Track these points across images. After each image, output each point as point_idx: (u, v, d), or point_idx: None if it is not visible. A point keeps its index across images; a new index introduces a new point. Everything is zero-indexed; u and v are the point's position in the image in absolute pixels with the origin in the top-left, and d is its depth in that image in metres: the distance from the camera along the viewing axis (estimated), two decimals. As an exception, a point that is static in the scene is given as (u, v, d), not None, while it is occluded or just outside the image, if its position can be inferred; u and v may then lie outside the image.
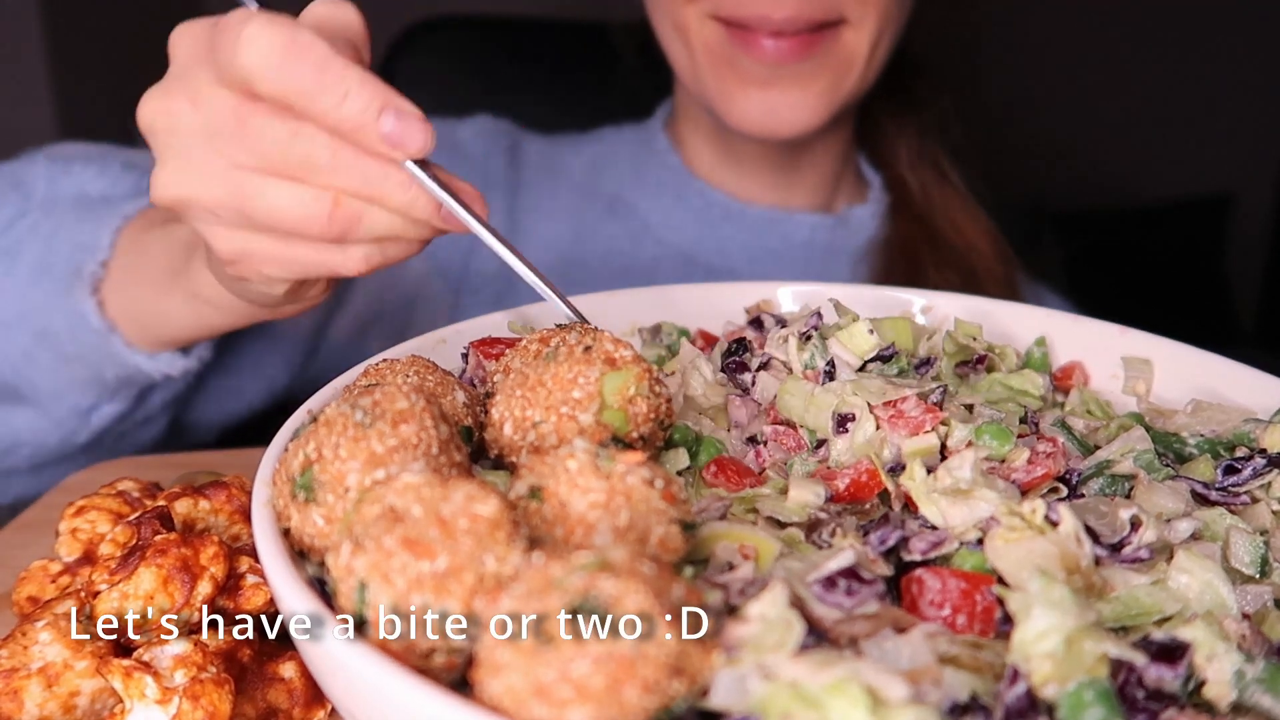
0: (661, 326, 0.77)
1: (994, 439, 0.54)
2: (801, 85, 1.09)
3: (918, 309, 0.79)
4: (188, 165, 0.59)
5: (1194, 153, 3.24)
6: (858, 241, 1.27)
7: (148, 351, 0.86)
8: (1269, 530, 0.53)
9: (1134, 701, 0.41)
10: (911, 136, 1.30)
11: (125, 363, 0.85)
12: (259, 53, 0.53)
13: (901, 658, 0.41)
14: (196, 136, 0.58)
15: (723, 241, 1.26)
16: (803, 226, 1.26)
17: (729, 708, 0.37)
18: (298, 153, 0.56)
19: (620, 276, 1.23)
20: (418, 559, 0.39)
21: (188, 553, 0.54)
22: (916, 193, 1.28)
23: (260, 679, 0.52)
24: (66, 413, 0.92)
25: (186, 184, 0.59)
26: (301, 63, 0.54)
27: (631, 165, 1.30)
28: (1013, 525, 0.48)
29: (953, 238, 1.25)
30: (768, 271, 1.24)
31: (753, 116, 1.10)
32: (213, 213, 0.60)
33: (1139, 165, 3.21)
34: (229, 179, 0.58)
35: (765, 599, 0.40)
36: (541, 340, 0.56)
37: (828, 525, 0.50)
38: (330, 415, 0.48)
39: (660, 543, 0.45)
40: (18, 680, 0.50)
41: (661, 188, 1.28)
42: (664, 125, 1.33)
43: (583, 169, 1.31)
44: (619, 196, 1.29)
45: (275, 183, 0.58)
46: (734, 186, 1.28)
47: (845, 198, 1.33)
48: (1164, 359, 0.72)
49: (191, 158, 0.59)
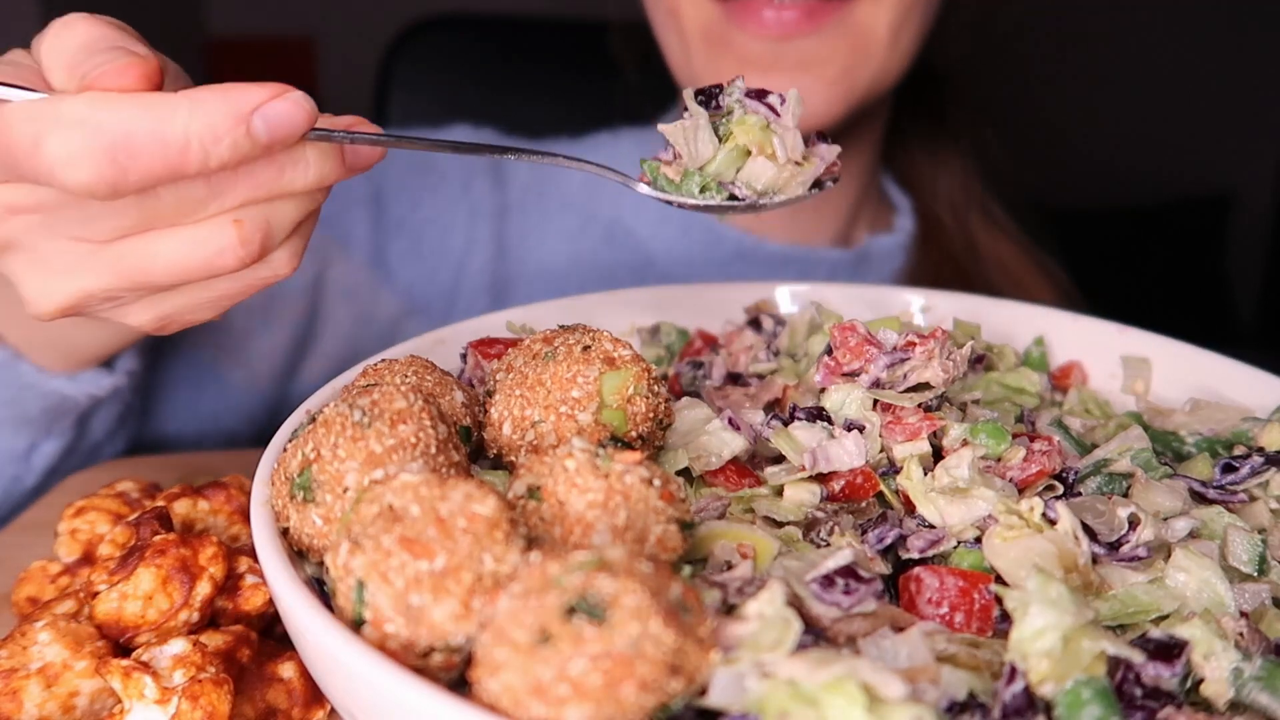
0: (661, 326, 0.78)
1: (990, 438, 0.54)
2: (811, 68, 0.95)
3: (917, 309, 0.79)
4: (51, 268, 0.50)
5: (1194, 153, 3.24)
6: (882, 275, 1.17)
7: (66, 373, 0.77)
8: (1267, 528, 0.53)
9: (1132, 699, 0.41)
10: (954, 173, 1.18)
11: (44, 390, 0.77)
12: (86, 176, 0.44)
13: (899, 656, 0.42)
14: (39, 234, 0.50)
15: (733, 278, 1.11)
16: (821, 263, 1.14)
17: (727, 706, 0.37)
18: (167, 201, 0.48)
19: None
20: (416, 558, 0.39)
21: (187, 553, 0.54)
22: (955, 233, 1.16)
23: (259, 679, 0.52)
24: (2, 459, 0.82)
25: (64, 288, 0.51)
26: (141, 159, 0.45)
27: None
28: (1010, 524, 0.48)
29: (1002, 284, 1.13)
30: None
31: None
32: (111, 299, 0.52)
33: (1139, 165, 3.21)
34: (107, 259, 0.50)
35: (763, 598, 0.40)
36: (544, 340, 0.56)
37: (825, 524, 0.51)
38: (329, 415, 0.48)
39: (658, 542, 0.45)
40: (17, 680, 0.50)
41: (665, 215, 1.14)
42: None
43: (578, 186, 1.18)
44: (618, 221, 1.16)
45: (159, 237, 0.49)
46: (744, 217, 1.14)
47: (867, 224, 1.20)
48: (1163, 358, 0.72)
49: (50, 259, 0.50)
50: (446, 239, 1.14)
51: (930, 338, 0.56)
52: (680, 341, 0.77)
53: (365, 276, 1.10)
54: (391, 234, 1.12)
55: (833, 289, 0.79)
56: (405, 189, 1.13)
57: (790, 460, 0.55)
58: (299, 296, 1.04)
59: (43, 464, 0.84)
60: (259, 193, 0.49)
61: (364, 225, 1.09)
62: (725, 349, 0.73)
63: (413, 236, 1.13)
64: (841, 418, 0.57)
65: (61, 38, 0.49)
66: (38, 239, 0.50)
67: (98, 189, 0.45)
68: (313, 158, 0.50)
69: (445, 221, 1.14)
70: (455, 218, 1.14)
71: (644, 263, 1.16)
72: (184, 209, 0.48)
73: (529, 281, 1.16)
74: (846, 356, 0.57)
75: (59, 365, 0.76)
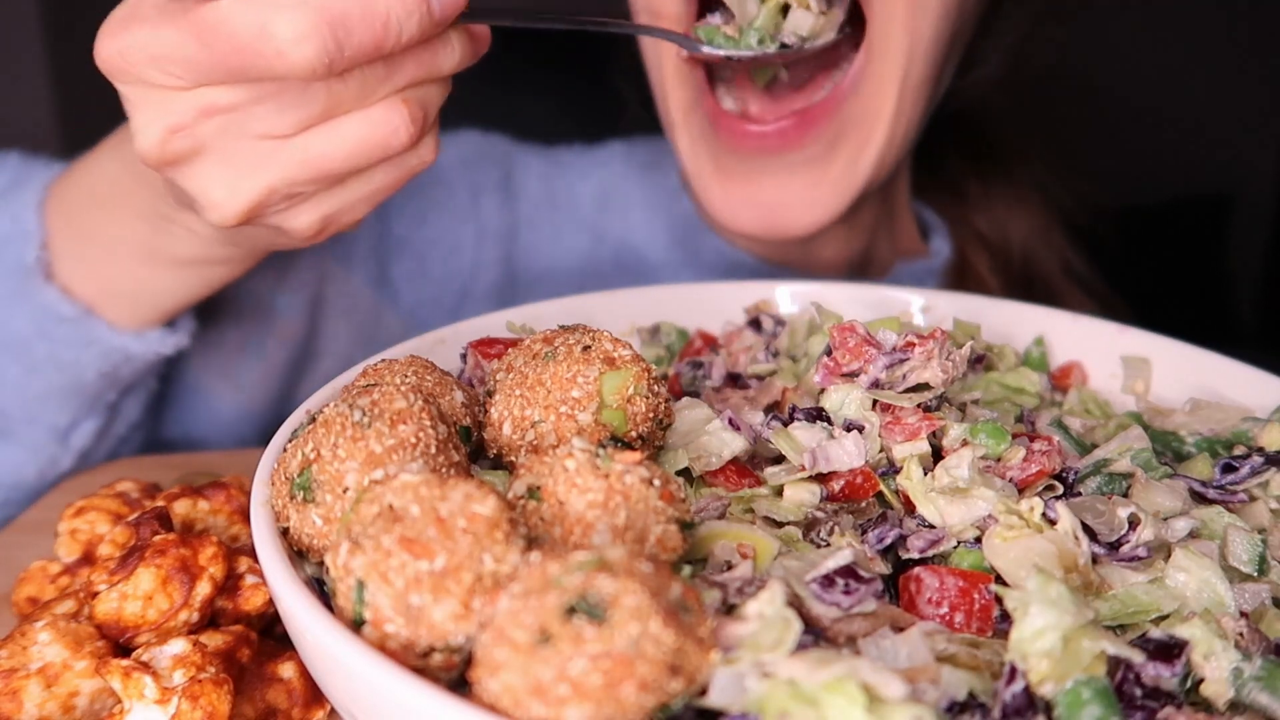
0: (661, 326, 0.78)
1: (989, 438, 0.54)
2: (804, 174, 0.85)
3: (917, 308, 0.79)
4: (239, 168, 0.54)
5: (1194, 153, 3.24)
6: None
7: (134, 330, 0.78)
8: (1267, 528, 0.53)
9: (1132, 699, 0.41)
10: (1034, 217, 1.08)
11: (111, 347, 0.78)
12: (313, 52, 0.49)
13: (899, 656, 0.42)
14: (229, 135, 0.54)
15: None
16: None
17: (727, 706, 0.37)
18: (352, 85, 0.52)
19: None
20: (416, 558, 0.39)
21: (186, 553, 0.54)
22: (1020, 279, 1.07)
23: (259, 679, 0.52)
24: (44, 437, 0.84)
25: (252, 185, 0.54)
26: (355, 34, 0.49)
27: (643, 207, 1.12)
28: (1010, 524, 0.48)
29: None
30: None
31: (740, 214, 0.86)
32: (290, 196, 0.55)
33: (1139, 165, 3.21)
34: (292, 150, 0.53)
35: (763, 598, 0.40)
36: (544, 340, 0.56)
37: (825, 524, 0.51)
38: (329, 415, 0.48)
39: (658, 542, 0.45)
40: (17, 680, 0.50)
41: (674, 239, 1.10)
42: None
43: (590, 201, 1.13)
44: (626, 243, 1.12)
45: (340, 123, 0.53)
46: (754, 242, 1.03)
47: (887, 243, 1.08)
48: (1163, 358, 0.72)
49: (238, 158, 0.54)
50: (452, 260, 1.11)
51: (929, 338, 0.56)
52: (680, 341, 0.77)
53: (366, 297, 1.08)
54: (394, 253, 1.10)
55: (833, 288, 0.79)
56: (409, 206, 1.09)
57: (790, 460, 0.55)
58: (296, 315, 1.02)
59: (79, 445, 0.85)
60: (420, 73, 0.54)
61: (365, 243, 1.07)
62: (725, 349, 0.73)
63: (417, 257, 1.10)
64: (841, 418, 0.57)
65: None
66: (228, 140, 0.53)
67: (319, 66, 0.49)
68: (456, 42, 0.55)
69: (451, 241, 1.11)
70: (462, 238, 1.11)
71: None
72: (365, 91, 0.53)
73: (540, 298, 1.12)
74: (846, 357, 0.57)
75: (129, 321, 0.78)
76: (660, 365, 0.74)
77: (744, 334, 0.74)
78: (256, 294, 0.97)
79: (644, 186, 1.13)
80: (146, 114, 0.54)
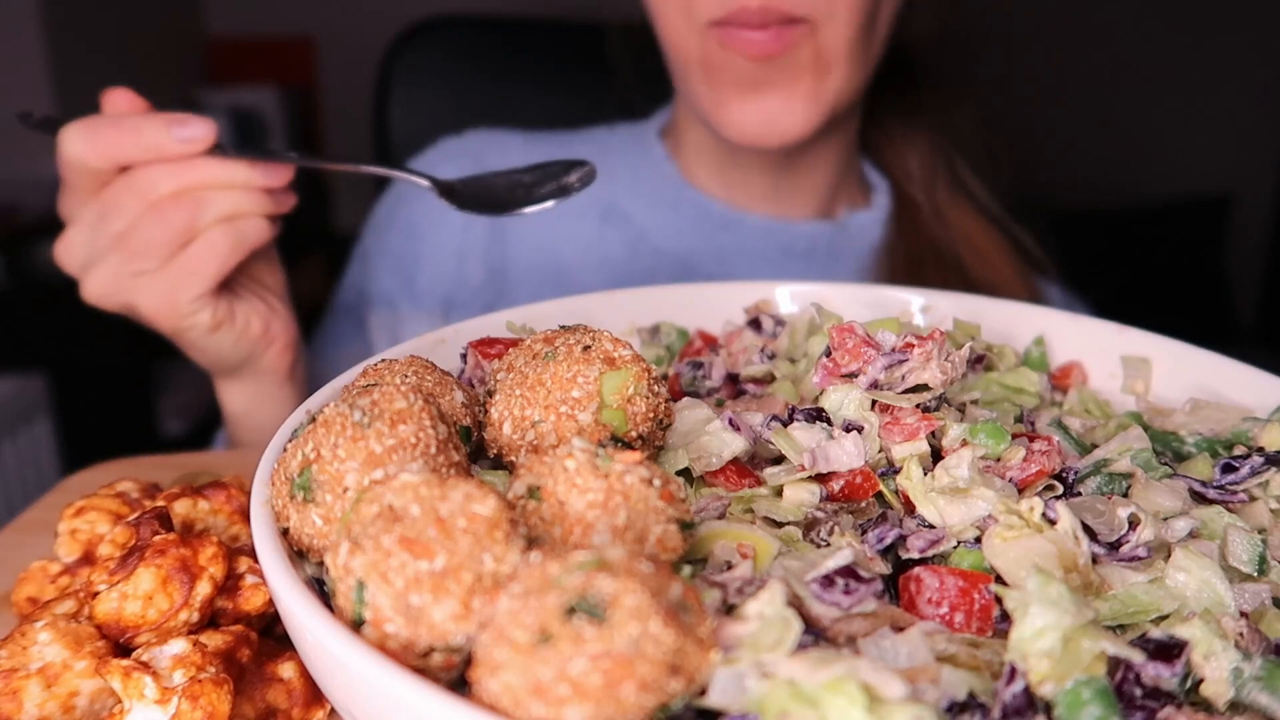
0: (660, 326, 0.78)
1: (989, 438, 0.54)
2: (787, 86, 1.07)
3: (917, 309, 0.79)
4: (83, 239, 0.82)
5: (1194, 153, 3.24)
6: (860, 248, 1.25)
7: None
8: (1267, 528, 0.53)
9: (1132, 699, 0.41)
10: (922, 151, 1.27)
11: None
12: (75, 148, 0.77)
13: (899, 656, 0.42)
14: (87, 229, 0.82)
15: (721, 250, 1.25)
16: (802, 235, 1.25)
17: (726, 706, 0.37)
18: (136, 188, 0.77)
19: (617, 284, 1.22)
20: (416, 558, 0.39)
21: (187, 553, 0.54)
22: (926, 209, 1.25)
23: (259, 679, 0.52)
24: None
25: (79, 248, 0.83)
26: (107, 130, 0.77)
27: (627, 173, 1.29)
28: (1010, 524, 0.48)
29: (969, 259, 1.21)
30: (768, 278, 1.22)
31: (747, 125, 1.09)
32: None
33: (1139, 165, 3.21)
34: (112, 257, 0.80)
35: (763, 598, 0.40)
36: (544, 340, 0.56)
37: (825, 524, 0.51)
38: (329, 415, 0.48)
39: (658, 542, 0.45)
40: (17, 680, 0.50)
41: (658, 196, 1.27)
42: (660, 134, 1.32)
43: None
44: (614, 205, 1.27)
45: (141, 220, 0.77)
46: (731, 195, 1.27)
47: (845, 202, 1.30)
48: (1163, 358, 0.72)
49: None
50: (440, 260, 1.28)
51: (928, 339, 0.56)
52: (680, 341, 0.77)
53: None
54: (386, 268, 1.29)
55: (833, 288, 0.79)
56: (398, 218, 1.33)
57: (790, 460, 0.55)
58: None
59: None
60: (192, 184, 0.79)
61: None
62: (725, 349, 0.73)
63: (404, 272, 1.28)
64: (840, 418, 0.57)
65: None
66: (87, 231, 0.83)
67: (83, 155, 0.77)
68: (224, 162, 0.79)
69: (435, 241, 1.28)
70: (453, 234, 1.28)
71: (638, 237, 1.26)
72: (144, 194, 0.78)
73: (529, 253, 1.26)
74: (845, 358, 0.57)
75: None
76: (660, 365, 0.74)
77: (744, 334, 0.74)
78: None
79: (628, 160, 1.30)
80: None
